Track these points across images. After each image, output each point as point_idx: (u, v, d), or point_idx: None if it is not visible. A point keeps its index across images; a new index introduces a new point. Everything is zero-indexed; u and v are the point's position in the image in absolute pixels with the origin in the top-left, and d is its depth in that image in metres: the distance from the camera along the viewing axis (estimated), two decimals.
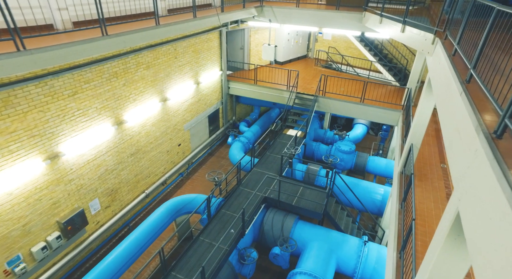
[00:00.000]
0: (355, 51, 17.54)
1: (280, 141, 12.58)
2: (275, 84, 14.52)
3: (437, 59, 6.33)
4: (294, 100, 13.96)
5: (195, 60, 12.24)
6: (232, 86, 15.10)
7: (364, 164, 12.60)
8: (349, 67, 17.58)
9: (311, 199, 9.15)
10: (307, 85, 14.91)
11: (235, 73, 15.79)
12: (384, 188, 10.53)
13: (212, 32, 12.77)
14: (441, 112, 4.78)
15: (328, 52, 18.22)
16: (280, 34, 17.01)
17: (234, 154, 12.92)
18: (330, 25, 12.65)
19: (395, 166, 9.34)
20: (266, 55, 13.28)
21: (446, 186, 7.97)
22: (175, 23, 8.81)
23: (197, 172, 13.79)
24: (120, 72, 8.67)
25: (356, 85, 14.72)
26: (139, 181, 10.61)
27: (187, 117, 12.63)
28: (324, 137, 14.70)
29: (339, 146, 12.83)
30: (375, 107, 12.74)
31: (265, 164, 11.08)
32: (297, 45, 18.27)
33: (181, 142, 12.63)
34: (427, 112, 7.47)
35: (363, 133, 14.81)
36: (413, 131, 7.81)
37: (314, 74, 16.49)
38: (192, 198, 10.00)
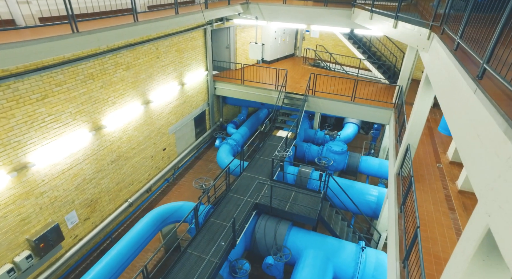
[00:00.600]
0: (343, 49, 17.27)
1: (269, 143, 12.11)
2: (263, 84, 14.05)
3: (435, 55, 5.99)
4: (283, 100, 13.53)
5: (179, 60, 11.63)
6: (219, 87, 14.54)
7: (356, 165, 12.28)
8: (338, 66, 17.29)
9: (304, 204, 8.72)
10: (296, 85, 14.51)
11: (221, 73, 15.24)
12: (378, 189, 10.22)
13: (196, 31, 12.19)
14: (448, 113, 4.40)
15: (316, 50, 17.89)
16: (267, 32, 16.56)
17: (222, 158, 12.37)
18: (319, 22, 12.28)
19: (390, 167, 9.02)
20: (253, 54, 12.81)
21: (444, 186, 7.69)
22: (156, 20, 8.20)
23: (183, 177, 13.17)
24: (96, 73, 7.99)
25: (345, 84, 14.42)
26: (122, 189, 9.92)
27: (171, 120, 12.00)
28: (314, 137, 14.33)
29: (331, 147, 12.47)
30: (366, 106, 12.45)
31: (255, 168, 10.59)
32: (285, 44, 17.86)
33: (166, 146, 12.00)
34: (424, 110, 7.15)
35: (354, 133, 14.53)
36: (409, 131, 7.48)
37: (303, 73, 16.12)
38: (179, 206, 9.41)
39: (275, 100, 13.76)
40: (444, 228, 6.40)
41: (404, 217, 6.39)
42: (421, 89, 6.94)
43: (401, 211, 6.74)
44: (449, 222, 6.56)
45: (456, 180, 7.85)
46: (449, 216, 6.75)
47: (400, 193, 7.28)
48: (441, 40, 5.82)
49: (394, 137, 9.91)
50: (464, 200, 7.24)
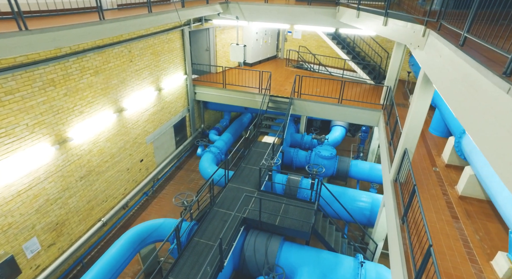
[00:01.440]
0: (327, 50, 16.89)
1: (255, 150, 11.41)
2: (246, 87, 13.36)
3: (435, 52, 5.50)
4: (268, 103, 12.89)
5: (154, 63, 10.75)
6: (199, 91, 13.73)
7: (346, 170, 11.78)
8: (322, 67, 16.87)
9: (296, 217, 8.05)
10: (280, 87, 13.92)
11: (201, 77, 14.43)
12: (372, 196, 9.72)
13: (173, 32, 11.35)
14: (464, 115, 3.86)
15: (299, 51, 17.41)
16: (248, 33, 15.91)
17: (205, 167, 11.54)
18: (302, 21, 11.75)
19: (385, 172, 8.52)
20: (235, 56, 12.11)
21: (444, 192, 7.24)
22: (126, 18, 7.33)
23: (164, 189, 12.22)
24: (58, 79, 7.03)
25: (331, 85, 13.97)
26: (94, 207, 8.90)
27: (149, 128, 11.07)
28: (301, 142, 13.76)
29: (319, 152, 11.92)
30: (354, 108, 12.00)
31: (240, 178, 9.84)
32: (266, 45, 17.28)
33: (143, 157, 11.04)
34: (422, 112, 6.67)
35: (342, 136, 14.08)
36: (406, 134, 6.98)
37: (286, 75, 15.56)
38: (159, 224, 8.51)
39: (259, 104, 13.10)
40: (451, 239, 5.90)
41: (408, 229, 5.83)
42: (418, 89, 6.46)
43: (403, 223, 6.19)
44: (455, 232, 6.07)
45: (455, 185, 7.43)
46: (453, 225, 6.27)
47: (400, 202, 6.75)
48: (441, 36, 5.33)
49: (386, 140, 9.46)
50: (466, 207, 6.80)
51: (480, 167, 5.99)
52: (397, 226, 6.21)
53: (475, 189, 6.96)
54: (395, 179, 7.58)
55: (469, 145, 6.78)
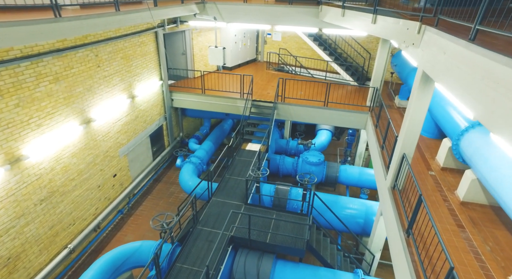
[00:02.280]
0: (308, 52, 16.48)
1: (239, 159, 10.65)
2: (226, 92, 12.62)
3: (437, 49, 5.02)
4: (250, 109, 12.20)
5: (126, 68, 9.79)
6: (176, 98, 12.83)
7: (335, 176, 11.27)
8: (303, 69, 16.42)
9: (288, 232, 7.36)
10: (262, 91, 13.28)
11: (178, 82, 13.54)
12: (365, 203, 9.20)
13: (146, 34, 10.45)
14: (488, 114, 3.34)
15: (280, 54, 16.90)
16: (226, 36, 15.21)
17: (185, 180, 10.64)
18: (284, 21, 11.19)
19: (379, 179, 8.02)
20: (214, 59, 11.36)
21: (444, 198, 6.79)
22: (88, 17, 6.41)
23: (141, 205, 11.18)
24: (7, 87, 5.99)
25: (315, 88, 13.49)
26: (58, 233, 7.80)
27: (122, 140, 10.05)
28: (287, 148, 13.15)
29: (307, 158, 11.35)
30: (340, 111, 11.55)
31: (225, 191, 9.04)
32: (246, 48, 16.64)
33: (116, 172, 9.99)
34: (421, 115, 6.20)
35: (329, 140, 13.61)
36: (405, 139, 6.49)
37: (268, 79, 14.96)
38: (136, 248, 7.55)
39: (241, 109, 12.39)
40: (461, 252, 5.39)
41: (416, 245, 5.27)
42: (416, 90, 5.98)
43: (408, 236, 5.64)
44: (463, 244, 5.58)
45: (455, 190, 7.02)
46: (460, 236, 5.79)
47: (402, 212, 6.22)
48: (444, 32, 4.86)
49: (378, 144, 9.00)
50: (469, 213, 6.37)
51: (487, 171, 5.57)
52: (402, 240, 5.65)
53: (478, 194, 6.56)
54: (393, 186, 7.07)
55: (470, 148, 6.38)
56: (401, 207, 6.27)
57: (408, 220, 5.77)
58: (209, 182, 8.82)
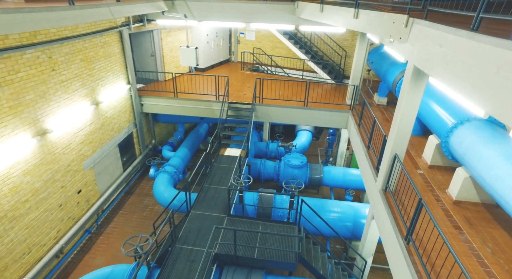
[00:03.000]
0: (283, 51, 16.06)
1: (218, 166, 9.94)
2: (200, 95, 11.86)
3: (431, 42, 4.66)
4: (227, 111, 11.53)
5: (88, 72, 8.79)
6: (146, 103, 11.88)
7: (319, 178, 10.87)
8: (279, 69, 15.98)
9: (277, 245, 6.79)
10: (238, 93, 12.65)
11: (147, 86, 12.59)
12: (353, 206, 8.85)
13: (109, 33, 9.47)
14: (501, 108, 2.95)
15: (254, 53, 16.35)
16: (197, 36, 14.42)
17: (160, 191, 9.78)
18: (259, 19, 10.64)
19: (368, 180, 7.66)
20: (185, 60, 10.58)
21: (437, 198, 6.52)
22: (32, 10, 5.46)
23: (112, 222, 10.15)
24: None
25: (293, 88, 13.07)
26: (8, 267, 6.68)
27: (86, 151, 9.01)
28: (267, 151, 12.61)
29: (289, 161, 10.86)
30: (321, 110, 11.18)
31: (205, 202, 8.32)
32: (218, 48, 15.93)
33: (81, 187, 8.93)
34: (412, 113, 5.87)
35: (309, 141, 13.23)
36: (396, 138, 6.13)
37: (243, 80, 14.36)
38: (106, 275, 6.64)
39: (217, 112, 11.69)
40: (463, 256, 5.07)
41: (418, 253, 4.88)
42: (407, 87, 5.62)
43: (408, 243, 5.24)
44: (464, 247, 5.27)
45: (446, 189, 6.79)
46: (459, 238, 5.49)
47: (398, 217, 5.84)
48: (439, 24, 4.50)
49: (363, 144, 8.67)
50: (464, 213, 6.13)
51: (484, 170, 5.30)
52: (402, 248, 5.24)
53: (470, 192, 6.35)
54: (384, 188, 6.71)
55: (461, 145, 6.13)
56: (397, 212, 5.90)
57: (407, 226, 5.40)
58: (187, 193, 8.06)
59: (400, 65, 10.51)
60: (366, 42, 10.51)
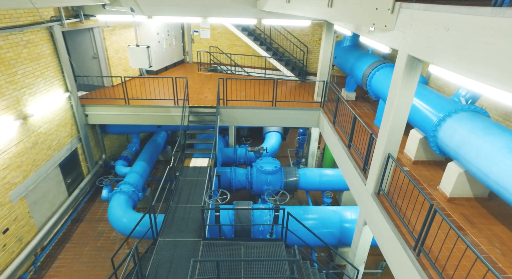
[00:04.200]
0: (241, 49, 15.14)
1: (184, 180, 8.70)
2: (157, 101, 10.46)
3: (431, 26, 4.08)
4: (189, 117, 10.30)
5: (7, 78, 7.01)
6: (92, 113, 10.17)
7: (295, 182, 10.14)
8: (239, 68, 15.03)
9: (266, 271, 5.83)
10: (199, 96, 11.46)
11: (92, 93, 10.83)
12: (337, 211, 8.22)
13: (33, 30, 7.72)
14: None
15: (211, 52, 15.20)
16: (147, 34, 12.89)
17: (117, 216, 8.26)
18: (217, 13, 9.58)
19: (355, 183, 7.05)
20: (136, 61, 9.14)
21: (430, 196, 6.09)
22: None
23: (57, 260, 8.37)
24: None
25: (258, 87, 12.22)
26: None
27: (13, 178, 7.20)
28: (235, 157, 11.59)
29: (262, 167, 9.97)
30: (290, 109, 10.47)
31: (174, 225, 7.07)
32: (171, 48, 14.51)
33: (8, 224, 7.11)
34: (406, 108, 5.29)
35: (279, 142, 12.49)
36: (389, 135, 5.54)
37: (202, 81, 13.16)
38: None
39: (177, 119, 10.40)
40: (477, 263, 4.58)
41: (435, 266, 4.26)
42: (400, 79, 5.02)
43: (419, 254, 4.62)
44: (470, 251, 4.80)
45: (437, 185, 6.40)
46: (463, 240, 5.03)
47: (400, 224, 5.23)
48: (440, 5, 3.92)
49: (342, 143, 8.08)
50: (461, 211, 5.74)
51: (486, 164, 4.88)
52: (413, 261, 4.60)
53: (464, 187, 5.99)
54: (377, 191, 6.11)
55: (455, 139, 5.73)
56: (399, 218, 5.29)
57: (414, 235, 4.79)
58: (151, 217, 6.74)
59: (368, 58, 10.18)
60: (333, 35, 10.03)
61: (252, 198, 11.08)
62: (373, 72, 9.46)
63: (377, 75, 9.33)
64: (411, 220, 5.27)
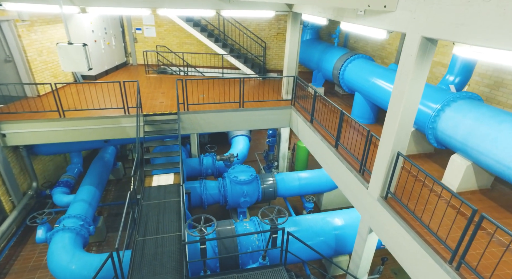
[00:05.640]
0: (193, 47, 13.69)
1: (148, 204, 7.15)
2: (101, 111, 8.63)
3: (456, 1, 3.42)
4: (144, 127, 8.68)
5: None
6: (11, 131, 7.98)
7: (274, 190, 9.18)
8: (192, 69, 13.57)
9: None
10: (152, 102, 9.82)
11: (8, 106, 8.55)
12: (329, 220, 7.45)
13: None
14: None
15: (159, 52, 13.48)
16: (80, 32, 10.75)
17: (62, 264, 6.38)
18: (169, 3, 8.14)
19: (353, 188, 6.30)
20: (70, 63, 7.25)
21: (435, 193, 5.59)
22: None
23: None
24: None
25: (218, 88, 10.99)
26: None
27: None
28: (201, 169, 10.22)
29: (236, 177, 8.81)
30: (260, 110, 9.46)
31: (145, 266, 5.57)
32: (111, 49, 12.47)
33: None
34: (416, 99, 4.63)
35: (248, 147, 11.40)
36: (398, 132, 4.85)
37: (153, 85, 11.47)
38: None
39: (128, 130, 8.70)
40: None
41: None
42: (413, 66, 4.33)
43: (458, 268, 3.96)
44: (510, 255, 4.33)
45: (440, 179, 5.96)
46: (494, 242, 4.56)
47: (425, 232, 4.55)
48: None
49: (327, 143, 7.32)
50: (475, 204, 5.31)
51: (506, 155, 4.44)
52: (453, 277, 3.93)
53: (471, 180, 5.62)
54: (384, 195, 5.41)
55: (461, 129, 5.26)
56: (422, 226, 4.61)
57: (450, 246, 4.14)
58: (115, 256, 5.13)
59: (336, 50, 9.66)
60: (299, 26, 9.27)
61: (226, 213, 9.85)
62: (345, 64, 8.93)
63: (350, 67, 8.82)
64: (430, 225, 4.65)
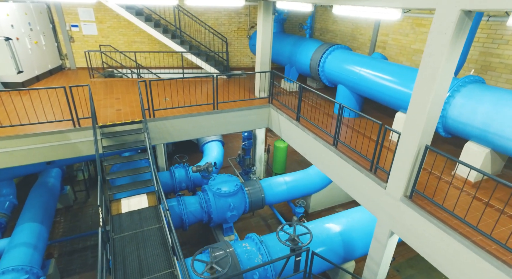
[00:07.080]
0: (143, 46, 12.04)
1: (122, 238, 5.70)
2: (40, 125, 6.80)
3: None
4: (102, 141, 7.08)
5: None
6: None
7: (261, 198, 8.26)
8: (145, 70, 11.93)
9: None
10: (106, 110, 8.15)
11: None
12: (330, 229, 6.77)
13: None
14: None
15: (104, 52, 11.56)
16: None
17: None
18: None
19: (364, 188, 5.68)
20: None
21: (455, 187, 5.23)
22: None
23: None
24: None
25: (182, 90, 9.69)
26: None
27: None
28: (173, 183, 8.84)
29: (219, 189, 7.68)
30: (237, 111, 8.46)
31: None
32: (41, 50, 10.25)
33: None
34: (445, 87, 4.12)
35: (223, 152, 10.25)
36: (426, 123, 4.30)
37: (103, 91, 9.66)
38: None
39: (80, 147, 7.04)
40: None
41: None
42: (448, 46, 3.78)
43: None
44: None
45: (452, 171, 5.65)
46: None
47: (476, 234, 4.06)
48: None
49: (324, 141, 6.64)
50: (495, 196, 5.04)
51: None
52: None
53: (487, 168, 5.38)
54: (409, 194, 4.85)
55: (479, 114, 4.93)
56: (467, 225, 4.11)
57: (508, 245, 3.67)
58: None
59: (311, 43, 9.07)
60: (271, 16, 8.46)
61: (208, 230, 8.65)
62: (325, 56, 8.37)
63: (330, 59, 8.28)
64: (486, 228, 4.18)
